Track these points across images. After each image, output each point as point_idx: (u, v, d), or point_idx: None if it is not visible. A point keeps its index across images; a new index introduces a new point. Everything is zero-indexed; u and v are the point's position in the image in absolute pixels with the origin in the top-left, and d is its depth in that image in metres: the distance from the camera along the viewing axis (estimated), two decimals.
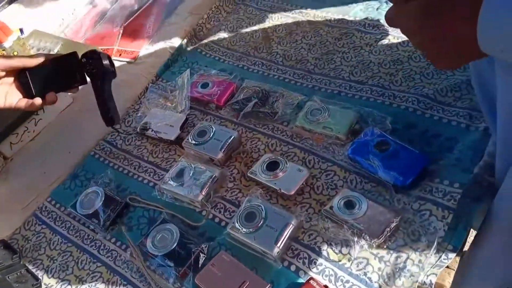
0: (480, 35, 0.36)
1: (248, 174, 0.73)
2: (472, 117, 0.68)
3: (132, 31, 1.11)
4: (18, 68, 0.72)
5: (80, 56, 0.73)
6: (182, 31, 1.06)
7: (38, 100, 0.72)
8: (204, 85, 0.91)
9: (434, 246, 0.55)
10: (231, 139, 0.78)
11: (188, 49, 1.05)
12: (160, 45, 1.05)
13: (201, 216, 0.71)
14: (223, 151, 0.77)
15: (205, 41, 1.05)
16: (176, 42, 1.05)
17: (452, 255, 0.55)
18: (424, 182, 0.63)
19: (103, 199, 0.77)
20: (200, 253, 0.65)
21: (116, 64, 1.05)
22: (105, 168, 0.85)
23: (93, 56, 0.72)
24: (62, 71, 0.73)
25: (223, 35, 1.05)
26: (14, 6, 1.29)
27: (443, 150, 0.66)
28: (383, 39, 0.89)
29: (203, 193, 0.72)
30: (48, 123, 0.96)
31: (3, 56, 0.71)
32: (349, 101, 0.79)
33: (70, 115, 0.98)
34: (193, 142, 0.80)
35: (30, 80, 0.72)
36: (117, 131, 0.90)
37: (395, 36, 0.88)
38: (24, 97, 0.73)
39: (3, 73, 0.71)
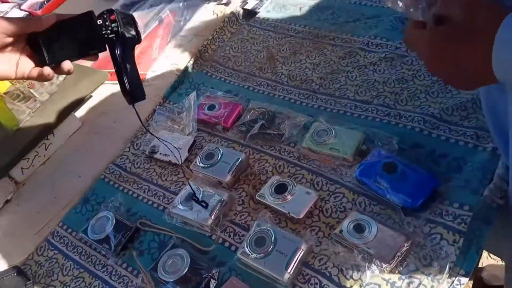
0: (495, 68, 0.37)
1: (257, 197, 0.73)
2: (479, 136, 0.69)
3: (138, 53, 1.12)
4: (25, 33, 0.61)
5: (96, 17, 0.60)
6: (188, 53, 1.08)
7: (47, 70, 0.62)
8: (211, 107, 0.92)
9: (446, 271, 0.55)
10: (239, 161, 0.79)
11: (194, 70, 1.06)
12: (167, 67, 1.07)
13: (211, 241, 0.72)
14: (231, 174, 0.78)
15: (211, 62, 1.06)
16: (182, 64, 1.06)
17: (464, 280, 0.55)
18: (434, 204, 0.63)
19: (113, 224, 0.78)
20: (211, 279, 0.66)
21: None
22: (115, 191, 0.86)
23: (109, 17, 0.59)
24: (78, 35, 0.61)
25: (228, 56, 1.06)
26: None
27: (451, 171, 0.67)
28: (386, 57, 0.89)
29: (212, 217, 0.72)
30: (58, 147, 0.97)
31: (6, 18, 0.60)
32: (355, 121, 0.80)
33: (80, 138, 0.99)
34: (201, 165, 0.81)
35: (42, 46, 0.61)
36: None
37: (399, 54, 0.89)
38: (36, 65, 0.63)
39: (10, 39, 0.60)
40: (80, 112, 1.04)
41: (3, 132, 0.92)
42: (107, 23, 0.59)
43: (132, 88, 0.63)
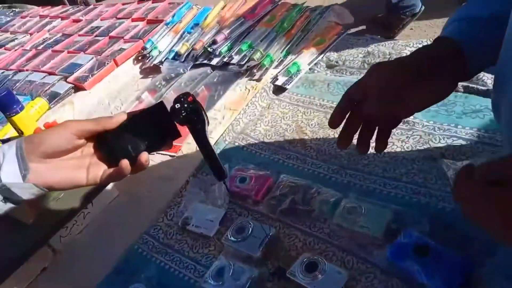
0: None
1: (287, 275, 0.74)
2: None
3: None
4: (96, 133, 0.61)
5: (173, 102, 0.61)
6: (221, 126, 1.14)
7: (125, 162, 0.59)
8: (242, 180, 0.95)
9: None
10: (269, 236, 0.80)
11: (226, 143, 1.11)
12: None
13: None
14: (262, 249, 0.79)
15: (242, 135, 1.11)
16: (215, 136, 1.11)
17: None
18: None
19: None
20: None
21: (158, 158, 1.13)
22: (147, 262, 0.88)
23: (187, 99, 0.61)
24: (150, 127, 0.62)
25: (258, 129, 1.11)
26: (66, 106, 1.42)
27: (485, 254, 0.66)
28: (414, 135, 0.92)
29: None
30: (95, 216, 1.02)
31: (76, 120, 0.60)
32: (385, 198, 0.81)
33: (116, 207, 1.04)
34: (232, 238, 0.83)
35: (114, 145, 0.60)
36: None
37: (426, 132, 0.91)
38: (109, 166, 0.61)
39: (81, 141, 0.60)
40: (116, 182, 1.08)
41: (47, 201, 0.97)
42: (185, 105, 0.61)
43: (220, 164, 0.67)
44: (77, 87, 1.51)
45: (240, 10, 1.51)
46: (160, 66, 1.44)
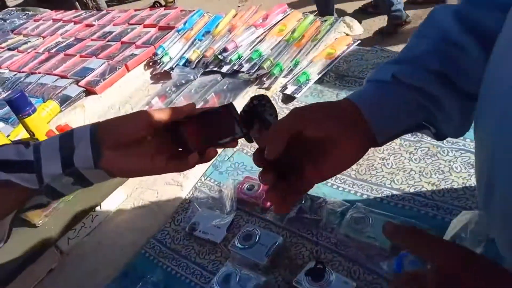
0: None
1: (293, 283, 0.74)
2: None
3: None
4: (166, 122, 0.60)
5: (250, 100, 0.60)
6: None
7: (194, 157, 0.58)
8: (250, 187, 0.96)
9: None
10: (276, 244, 0.81)
11: (235, 150, 1.12)
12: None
13: None
14: (268, 257, 0.80)
15: None
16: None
17: None
18: None
19: None
20: None
21: None
22: (154, 267, 0.88)
23: (264, 100, 0.60)
24: (218, 124, 0.61)
25: None
26: (77, 109, 1.44)
27: None
28: (422, 146, 0.92)
29: None
30: (103, 219, 1.03)
31: (149, 110, 0.60)
32: (392, 210, 0.81)
33: (124, 211, 1.04)
34: (239, 245, 0.83)
35: (182, 137, 0.60)
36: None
37: (434, 144, 0.91)
38: (172, 156, 0.60)
39: (150, 130, 0.59)
40: (125, 186, 1.10)
41: (56, 203, 0.98)
42: (263, 102, 0.60)
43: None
44: (89, 91, 1.53)
45: (251, 19, 1.52)
46: (171, 72, 1.45)
